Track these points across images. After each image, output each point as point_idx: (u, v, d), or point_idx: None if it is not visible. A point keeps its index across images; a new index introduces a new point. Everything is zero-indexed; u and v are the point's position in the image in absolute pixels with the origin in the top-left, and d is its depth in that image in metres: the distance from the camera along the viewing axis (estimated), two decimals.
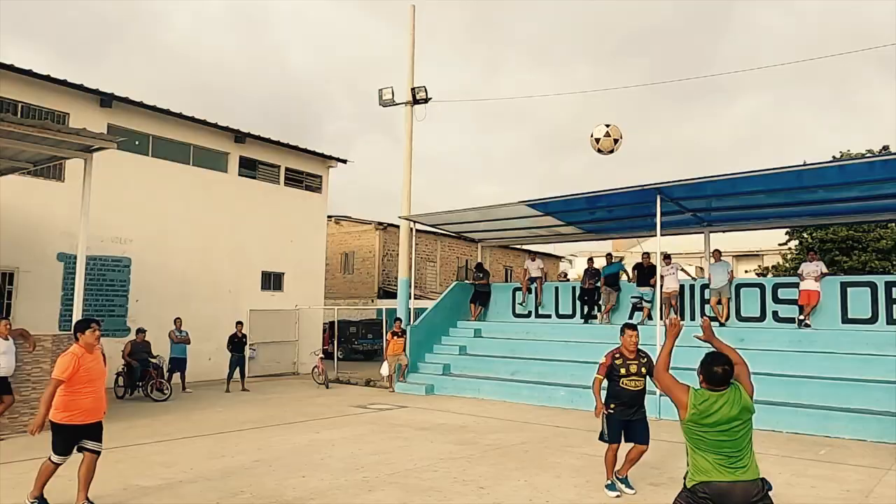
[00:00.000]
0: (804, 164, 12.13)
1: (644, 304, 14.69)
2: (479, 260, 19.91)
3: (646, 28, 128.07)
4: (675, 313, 14.42)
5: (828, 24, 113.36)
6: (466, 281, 19.79)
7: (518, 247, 31.90)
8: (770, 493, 3.59)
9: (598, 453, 8.60)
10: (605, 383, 6.75)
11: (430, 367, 16.10)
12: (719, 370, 3.64)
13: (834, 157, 25.88)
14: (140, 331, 14.63)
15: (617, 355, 6.71)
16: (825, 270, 13.25)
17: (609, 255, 16.32)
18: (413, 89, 17.63)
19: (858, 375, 10.92)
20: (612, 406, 6.68)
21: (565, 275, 27.55)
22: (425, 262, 31.64)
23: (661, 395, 11.52)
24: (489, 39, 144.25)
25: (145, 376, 14.06)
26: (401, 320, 16.58)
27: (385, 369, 15.82)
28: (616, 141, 6.46)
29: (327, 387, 16.37)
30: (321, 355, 17.69)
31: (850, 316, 12.67)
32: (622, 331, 6.70)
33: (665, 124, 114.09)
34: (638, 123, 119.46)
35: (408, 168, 17.72)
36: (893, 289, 12.39)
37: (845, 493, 6.75)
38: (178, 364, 15.09)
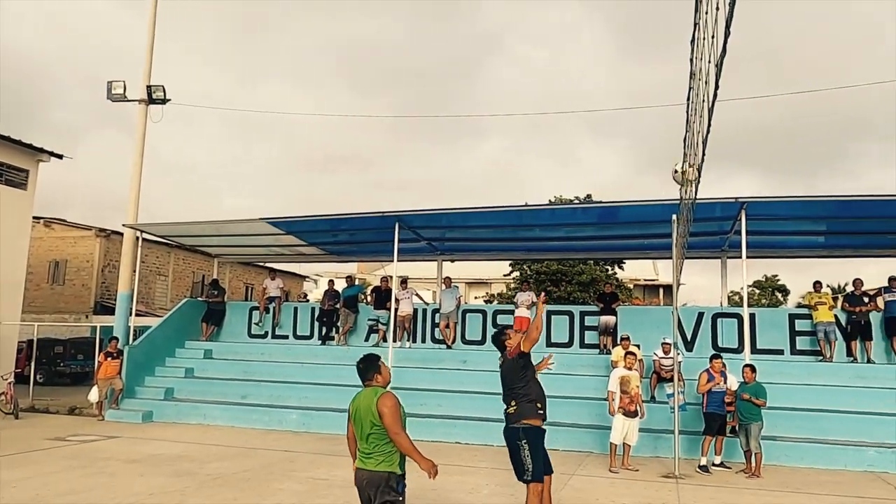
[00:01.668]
0: (524, 205, 13.66)
1: (380, 326, 15.13)
2: (216, 276, 18.79)
3: (405, 64, 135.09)
4: (409, 336, 15.13)
5: (553, 85, 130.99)
6: (199, 298, 18.49)
7: (262, 264, 30.78)
8: (401, 490, 4.13)
9: (323, 477, 8.57)
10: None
11: (149, 392, 14.63)
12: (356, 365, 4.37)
13: (550, 201, 29.64)
14: None
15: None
16: (535, 299, 14.99)
17: (350, 278, 16.55)
18: (149, 87, 16.15)
19: (556, 393, 12.38)
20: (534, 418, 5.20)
21: (305, 295, 27.31)
22: (155, 276, 28.95)
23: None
24: (250, 51, 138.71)
25: None
26: (117, 339, 14.86)
27: (94, 395, 13.98)
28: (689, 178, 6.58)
29: (17, 417, 13.94)
30: (12, 380, 15.01)
31: (553, 340, 14.41)
32: None
33: (419, 156, 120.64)
34: (392, 152, 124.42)
35: (137, 172, 16.09)
36: (586, 317, 14.48)
37: None
38: None
